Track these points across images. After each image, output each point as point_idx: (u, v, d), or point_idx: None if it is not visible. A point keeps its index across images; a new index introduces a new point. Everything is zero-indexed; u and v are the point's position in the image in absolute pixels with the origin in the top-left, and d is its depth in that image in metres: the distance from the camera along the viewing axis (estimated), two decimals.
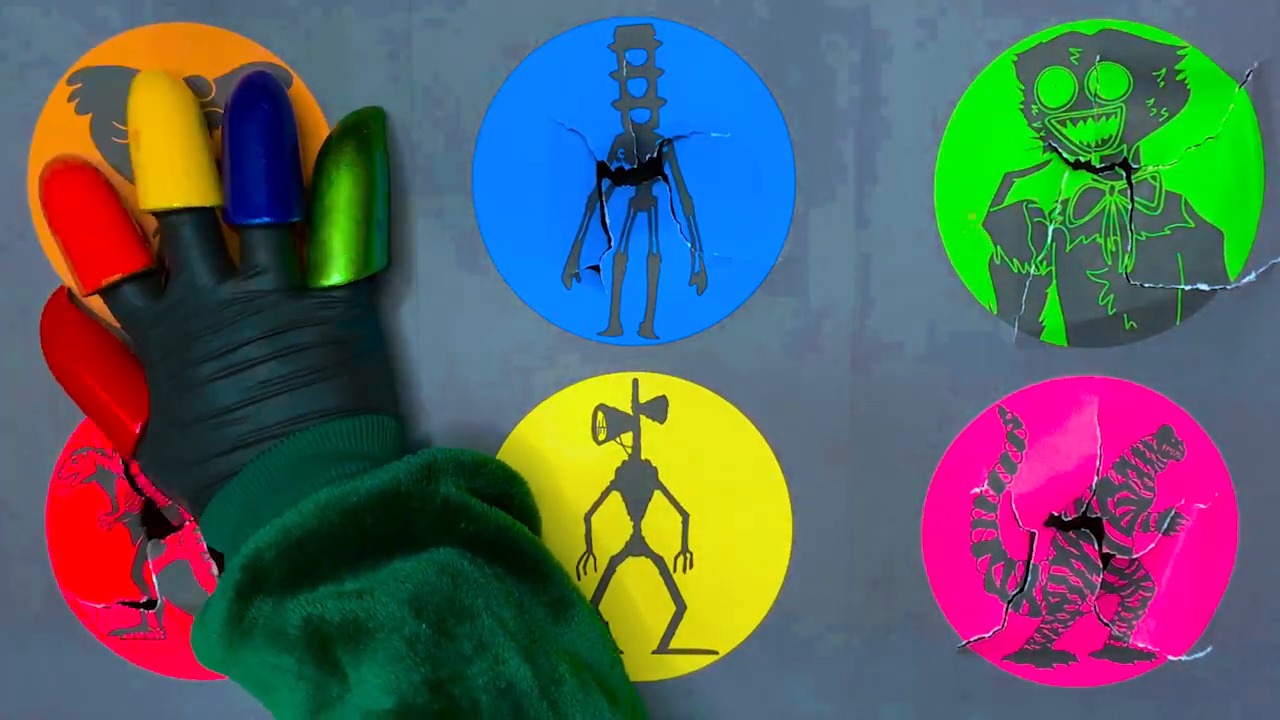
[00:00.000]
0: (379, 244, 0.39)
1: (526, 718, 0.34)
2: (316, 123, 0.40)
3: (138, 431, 0.38)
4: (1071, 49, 0.39)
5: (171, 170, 0.37)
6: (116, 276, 0.37)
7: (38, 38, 0.40)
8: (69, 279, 0.41)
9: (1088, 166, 0.40)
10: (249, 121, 0.37)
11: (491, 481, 0.38)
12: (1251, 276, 0.40)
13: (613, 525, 0.42)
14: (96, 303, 0.40)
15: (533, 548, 0.37)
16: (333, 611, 0.34)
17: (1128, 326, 0.41)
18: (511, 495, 0.39)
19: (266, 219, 0.37)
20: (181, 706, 0.44)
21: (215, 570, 0.42)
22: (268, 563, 0.34)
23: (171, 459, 0.37)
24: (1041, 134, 0.40)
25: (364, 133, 0.39)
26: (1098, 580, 0.41)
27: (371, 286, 0.40)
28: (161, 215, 0.38)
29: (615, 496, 0.42)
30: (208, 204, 0.38)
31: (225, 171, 0.38)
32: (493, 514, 0.37)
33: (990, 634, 0.42)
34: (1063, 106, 0.40)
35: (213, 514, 0.37)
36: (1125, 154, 0.40)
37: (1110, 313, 0.40)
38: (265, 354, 0.37)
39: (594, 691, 0.36)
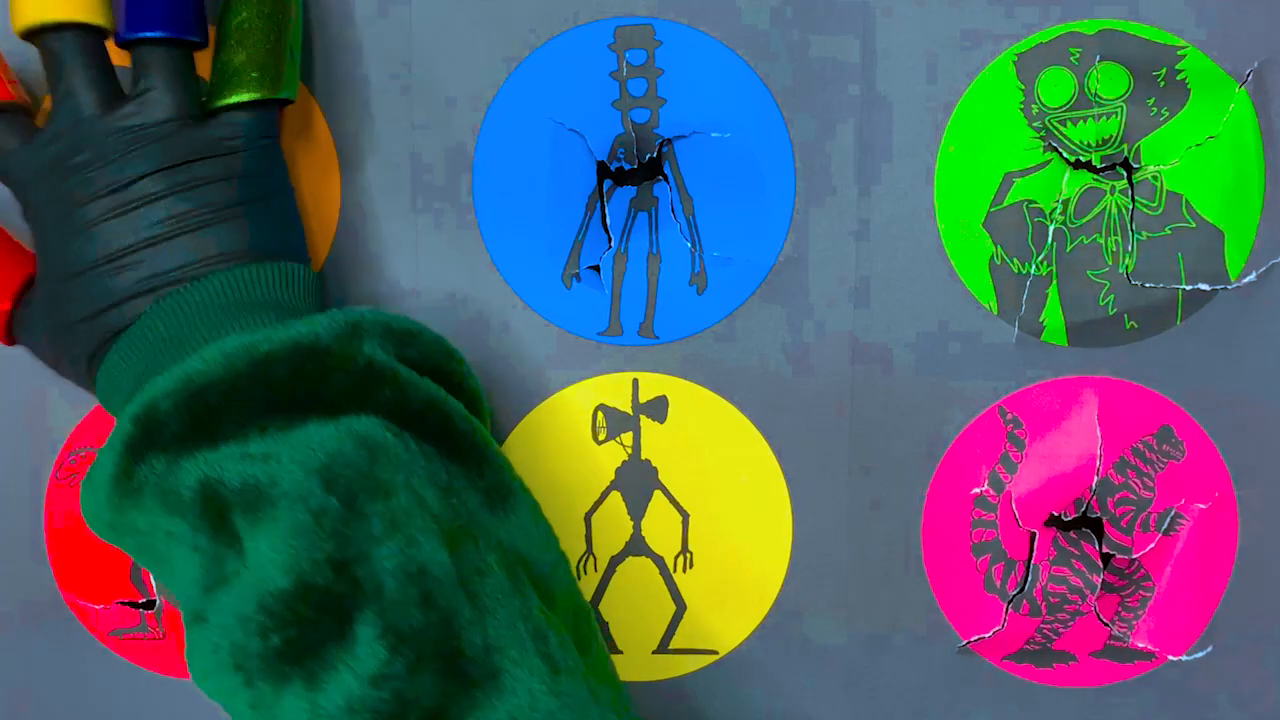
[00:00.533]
0: (290, 70, 0.35)
1: (436, 606, 0.31)
2: (317, 123, 0.40)
3: (8, 309, 0.35)
4: (1071, 49, 0.39)
5: None
6: None
7: None
8: None
9: (1088, 166, 0.40)
10: None
11: (426, 355, 0.35)
12: (1252, 276, 0.40)
13: (613, 525, 0.42)
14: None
15: (468, 427, 0.34)
16: (232, 474, 0.30)
17: (1128, 326, 0.41)
18: (449, 373, 0.36)
19: (162, 32, 0.33)
20: (182, 706, 0.44)
21: None
22: (163, 414, 0.30)
23: (59, 322, 0.34)
24: (1042, 134, 0.40)
25: None
26: (1098, 580, 0.41)
27: (280, 121, 0.37)
28: (40, 35, 0.34)
29: (615, 496, 0.42)
30: (92, 20, 0.33)
31: None
32: (423, 384, 0.33)
33: (990, 634, 0.42)
34: (1063, 106, 0.40)
35: (107, 372, 0.33)
36: (1126, 154, 0.40)
37: (1110, 313, 0.40)
38: (162, 189, 0.33)
39: (525, 587, 0.33)
